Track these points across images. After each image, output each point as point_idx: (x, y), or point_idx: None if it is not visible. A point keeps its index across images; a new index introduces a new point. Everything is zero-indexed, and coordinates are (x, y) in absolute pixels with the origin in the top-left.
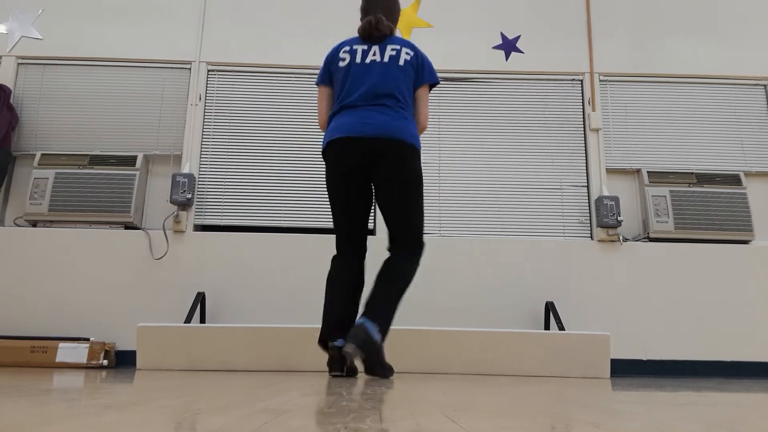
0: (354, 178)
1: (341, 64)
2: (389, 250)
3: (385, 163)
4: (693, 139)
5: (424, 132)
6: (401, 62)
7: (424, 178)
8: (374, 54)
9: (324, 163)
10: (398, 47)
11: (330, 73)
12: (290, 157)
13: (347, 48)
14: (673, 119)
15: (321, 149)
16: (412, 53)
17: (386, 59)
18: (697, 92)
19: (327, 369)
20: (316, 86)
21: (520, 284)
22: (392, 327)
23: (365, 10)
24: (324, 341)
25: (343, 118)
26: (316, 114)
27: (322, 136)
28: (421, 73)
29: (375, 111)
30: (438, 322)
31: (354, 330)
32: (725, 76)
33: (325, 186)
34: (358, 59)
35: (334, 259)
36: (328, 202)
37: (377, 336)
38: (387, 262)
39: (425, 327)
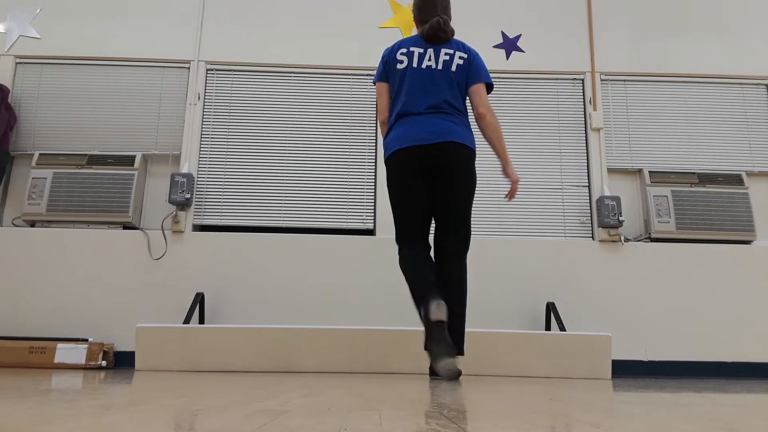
0: (420, 183)
1: (399, 66)
2: (441, 246)
3: (448, 167)
4: (695, 138)
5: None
6: (454, 68)
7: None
8: (429, 58)
9: (387, 167)
10: (452, 51)
11: (387, 72)
12: (290, 156)
13: (404, 50)
14: (675, 119)
15: (384, 155)
16: (465, 56)
17: (440, 65)
18: (699, 92)
19: (427, 319)
20: (373, 84)
21: (521, 284)
22: (392, 327)
23: (424, 11)
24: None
25: (406, 128)
26: (317, 112)
27: (323, 135)
28: (475, 73)
29: (435, 118)
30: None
31: (448, 368)
32: (727, 76)
33: (325, 185)
34: (415, 63)
35: (409, 251)
36: (393, 212)
37: (460, 363)
38: (449, 272)
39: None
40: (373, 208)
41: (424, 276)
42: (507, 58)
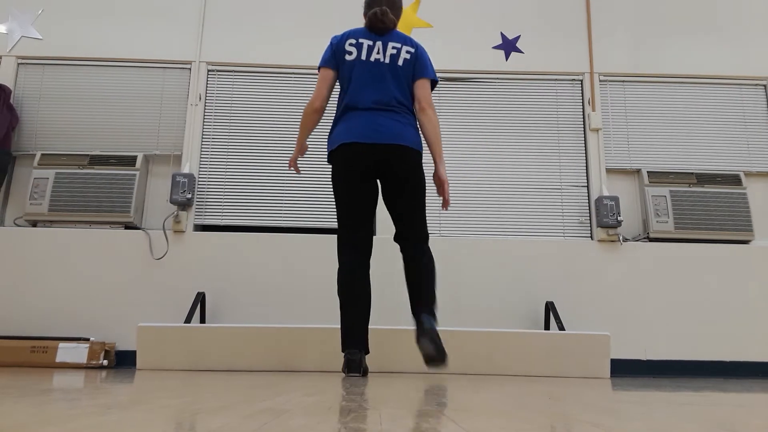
0: (364, 180)
1: (348, 57)
2: (402, 243)
3: (395, 170)
4: (693, 139)
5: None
6: (400, 62)
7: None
8: (378, 51)
9: (331, 163)
10: (399, 45)
11: (336, 61)
12: (290, 157)
13: (353, 41)
14: (673, 119)
15: (328, 149)
16: (412, 50)
17: (387, 59)
18: (697, 92)
19: (344, 371)
20: (317, 70)
21: (520, 284)
22: (392, 327)
23: (369, 5)
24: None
25: (352, 122)
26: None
27: (323, 135)
28: (421, 68)
29: (382, 116)
30: (438, 321)
31: (427, 333)
32: (725, 76)
33: (325, 185)
34: (363, 55)
35: (347, 267)
36: (334, 204)
37: (437, 327)
38: (412, 256)
39: None
40: None
41: (357, 317)
42: (506, 59)
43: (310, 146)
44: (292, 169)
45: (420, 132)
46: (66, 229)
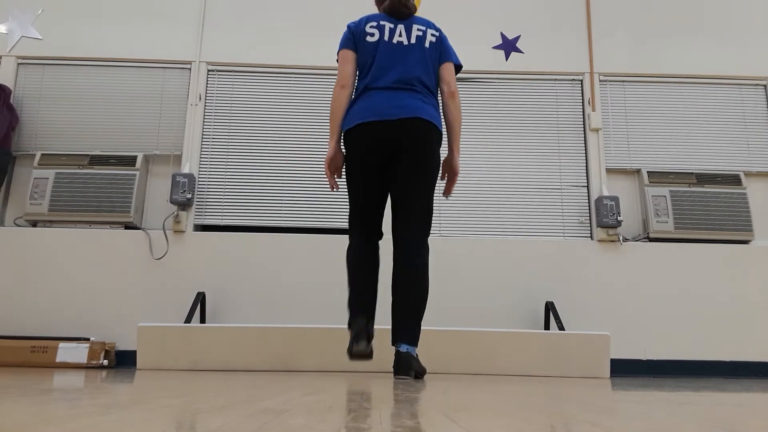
0: (381, 158)
1: (369, 39)
2: (400, 232)
3: (414, 147)
4: (693, 139)
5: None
6: (427, 44)
7: None
8: (401, 34)
9: (345, 142)
10: (424, 28)
11: (355, 43)
12: (290, 157)
13: (374, 23)
14: (673, 119)
15: (343, 128)
16: (437, 34)
17: (413, 40)
18: (697, 92)
19: (349, 351)
20: (337, 53)
21: (520, 284)
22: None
23: None
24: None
25: (371, 100)
26: (318, 112)
27: (323, 135)
28: (446, 52)
29: (404, 94)
30: (438, 321)
31: (403, 361)
32: (725, 76)
33: (325, 185)
34: (386, 37)
35: (357, 246)
36: (346, 185)
37: (415, 354)
38: (406, 264)
39: (425, 327)
40: None
41: (364, 288)
42: (506, 59)
43: (310, 145)
44: (332, 178)
45: (442, 115)
46: (66, 229)
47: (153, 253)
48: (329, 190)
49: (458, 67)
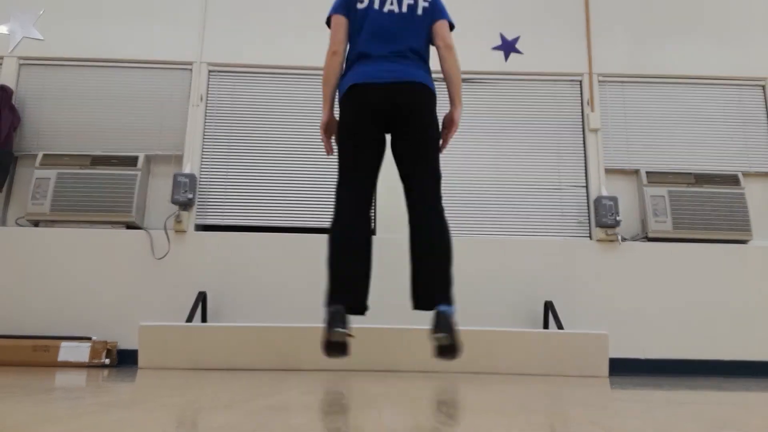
0: (374, 123)
1: (359, 6)
2: (411, 204)
3: (409, 109)
4: (692, 139)
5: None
6: (419, 11)
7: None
8: (392, 3)
9: (340, 108)
10: None
11: (347, 8)
12: (291, 156)
13: None
14: (672, 120)
15: (338, 96)
16: (428, 1)
17: (404, 9)
18: (696, 93)
19: (324, 349)
20: (327, 19)
21: (519, 284)
22: (391, 326)
23: None
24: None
25: (364, 67)
26: (318, 113)
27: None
28: (440, 11)
29: (396, 62)
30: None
31: (442, 321)
32: (724, 77)
33: (325, 185)
34: (377, 5)
35: (345, 217)
36: (339, 154)
37: (455, 314)
38: (421, 219)
39: (425, 326)
40: (373, 207)
41: (352, 270)
42: (506, 60)
43: (311, 145)
44: (326, 143)
45: (431, 76)
46: (68, 229)
47: (154, 252)
48: (331, 189)
49: (451, 26)
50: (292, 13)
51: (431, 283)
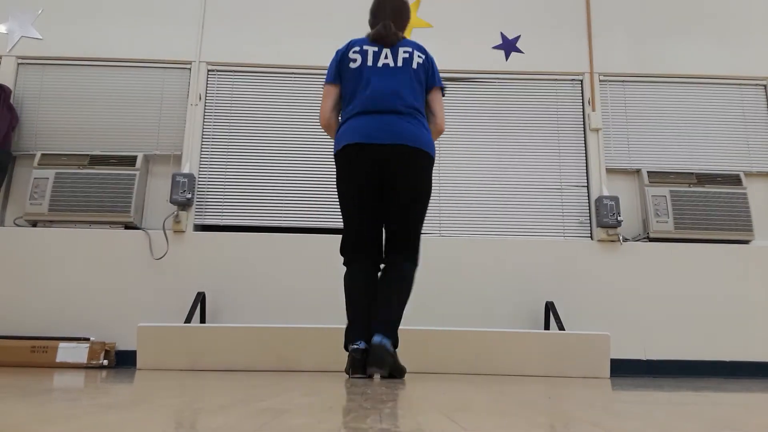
0: (371, 182)
1: (352, 65)
2: (387, 255)
3: (403, 171)
4: (693, 139)
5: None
6: (414, 65)
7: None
8: (386, 57)
9: (336, 165)
10: (410, 50)
11: (340, 73)
12: (290, 156)
13: (357, 48)
14: (673, 119)
15: (333, 151)
16: (423, 57)
17: (399, 63)
18: (698, 92)
19: (347, 371)
20: (322, 86)
21: (520, 284)
22: None
23: (374, 15)
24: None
25: (361, 122)
26: (317, 113)
27: (323, 134)
28: (432, 76)
29: (393, 117)
30: (438, 322)
31: (375, 352)
32: (725, 76)
33: (325, 185)
34: (370, 62)
35: (353, 268)
36: (339, 206)
37: (392, 349)
38: (390, 269)
39: (425, 327)
40: None
41: (361, 318)
42: (506, 59)
43: (310, 146)
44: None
45: (429, 133)
46: (66, 229)
47: (153, 253)
48: (330, 189)
49: (442, 90)
50: (292, 13)
51: (381, 315)
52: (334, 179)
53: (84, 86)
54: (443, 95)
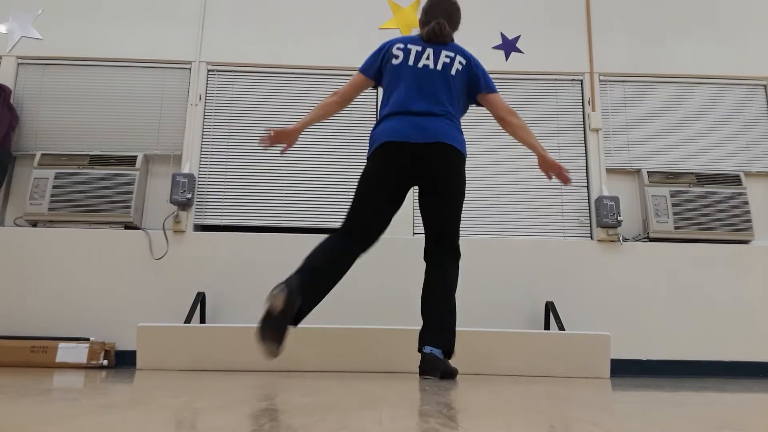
0: (398, 182)
1: (394, 61)
2: (430, 256)
3: (439, 170)
4: (693, 139)
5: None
6: (453, 71)
7: None
8: (428, 58)
9: (369, 161)
10: (453, 54)
11: (380, 67)
12: (291, 156)
13: (401, 45)
14: (673, 119)
15: (369, 149)
16: (465, 62)
17: (439, 66)
18: (697, 92)
19: (259, 337)
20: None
21: (520, 284)
22: (392, 327)
23: (426, 13)
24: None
25: (397, 123)
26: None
27: (324, 134)
28: (486, 84)
29: (428, 119)
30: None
31: (427, 360)
32: (725, 76)
33: (325, 185)
34: (411, 61)
35: (340, 237)
36: (355, 196)
37: (442, 357)
38: (438, 272)
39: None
40: None
41: (320, 266)
42: (506, 59)
43: (311, 146)
44: (265, 144)
45: (463, 135)
46: (66, 229)
47: (153, 253)
48: (330, 189)
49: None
50: (292, 13)
51: (427, 329)
52: (335, 180)
53: (84, 86)
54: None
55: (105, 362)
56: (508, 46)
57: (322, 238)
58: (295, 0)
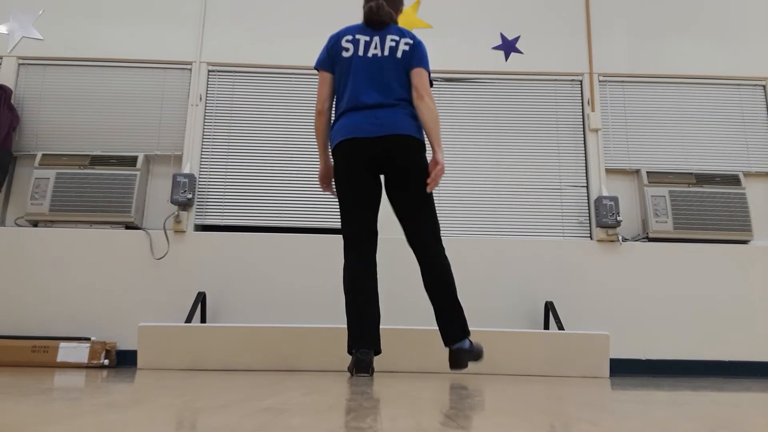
0: (367, 175)
1: (344, 54)
2: (414, 245)
3: (397, 161)
4: (692, 139)
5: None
6: (399, 54)
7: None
8: (375, 47)
9: (334, 160)
10: (397, 38)
11: (332, 60)
12: (291, 156)
13: (350, 37)
14: (673, 119)
15: (330, 146)
16: (411, 42)
17: (387, 52)
18: (697, 92)
19: (350, 370)
20: (315, 70)
21: (520, 284)
22: (392, 327)
23: None
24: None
25: (351, 119)
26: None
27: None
28: (417, 59)
29: (382, 111)
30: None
31: (456, 355)
32: (724, 77)
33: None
34: (361, 51)
35: (352, 265)
36: (337, 201)
37: (468, 344)
38: (428, 261)
39: (425, 327)
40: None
41: (363, 312)
42: (506, 60)
43: (311, 145)
44: (327, 191)
45: (418, 120)
46: (67, 229)
47: (154, 253)
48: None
49: (429, 75)
50: (292, 13)
51: (445, 325)
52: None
53: (85, 86)
54: (431, 85)
55: (106, 362)
56: (508, 46)
57: (322, 237)
58: (296, 0)
